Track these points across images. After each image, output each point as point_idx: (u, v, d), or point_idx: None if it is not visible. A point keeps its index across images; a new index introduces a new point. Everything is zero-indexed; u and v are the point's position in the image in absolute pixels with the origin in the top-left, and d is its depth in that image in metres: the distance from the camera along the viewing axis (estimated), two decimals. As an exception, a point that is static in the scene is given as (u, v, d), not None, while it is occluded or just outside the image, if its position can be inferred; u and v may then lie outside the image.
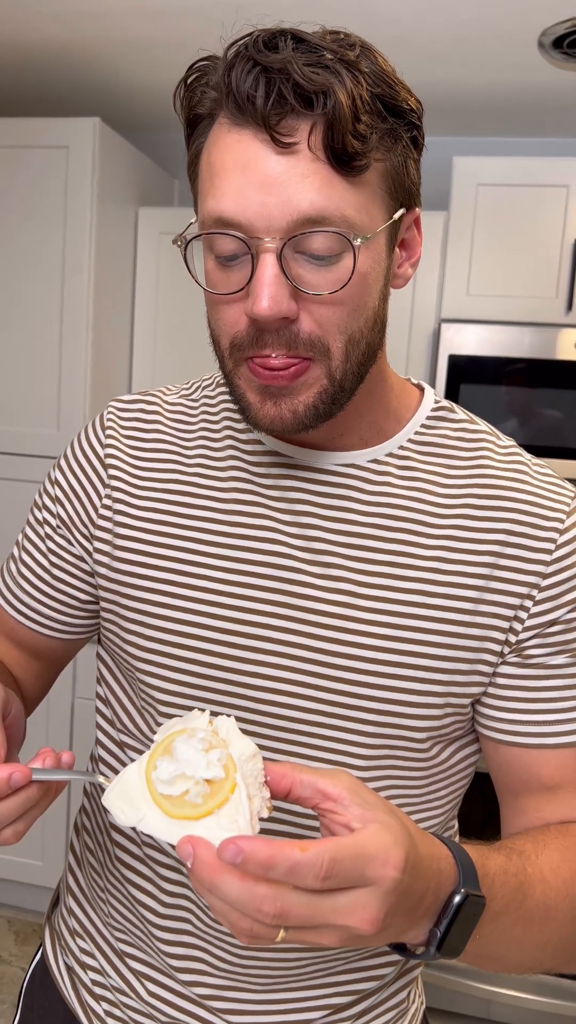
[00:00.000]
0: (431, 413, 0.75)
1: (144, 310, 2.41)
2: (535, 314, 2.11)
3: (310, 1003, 0.75)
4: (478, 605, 0.68)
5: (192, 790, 0.50)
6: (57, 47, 2.00)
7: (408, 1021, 0.82)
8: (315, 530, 0.71)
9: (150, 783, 0.52)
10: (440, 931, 0.53)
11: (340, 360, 0.63)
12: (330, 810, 0.51)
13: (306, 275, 0.60)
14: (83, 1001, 0.82)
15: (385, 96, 0.60)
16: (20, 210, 2.16)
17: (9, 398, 2.25)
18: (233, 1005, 0.75)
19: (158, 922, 0.76)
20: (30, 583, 0.81)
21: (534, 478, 0.72)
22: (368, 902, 0.47)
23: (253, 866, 0.45)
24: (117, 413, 0.79)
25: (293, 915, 0.46)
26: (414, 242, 0.69)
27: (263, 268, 0.59)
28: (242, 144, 0.59)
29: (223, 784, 0.51)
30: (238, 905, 0.46)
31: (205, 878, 0.46)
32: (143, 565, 0.73)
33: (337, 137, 0.57)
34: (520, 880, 0.60)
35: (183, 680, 0.71)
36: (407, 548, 0.70)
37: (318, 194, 0.58)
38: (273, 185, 0.58)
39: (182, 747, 0.52)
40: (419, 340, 2.23)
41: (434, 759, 0.72)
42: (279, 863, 0.45)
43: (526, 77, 2.00)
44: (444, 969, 2.06)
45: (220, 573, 0.71)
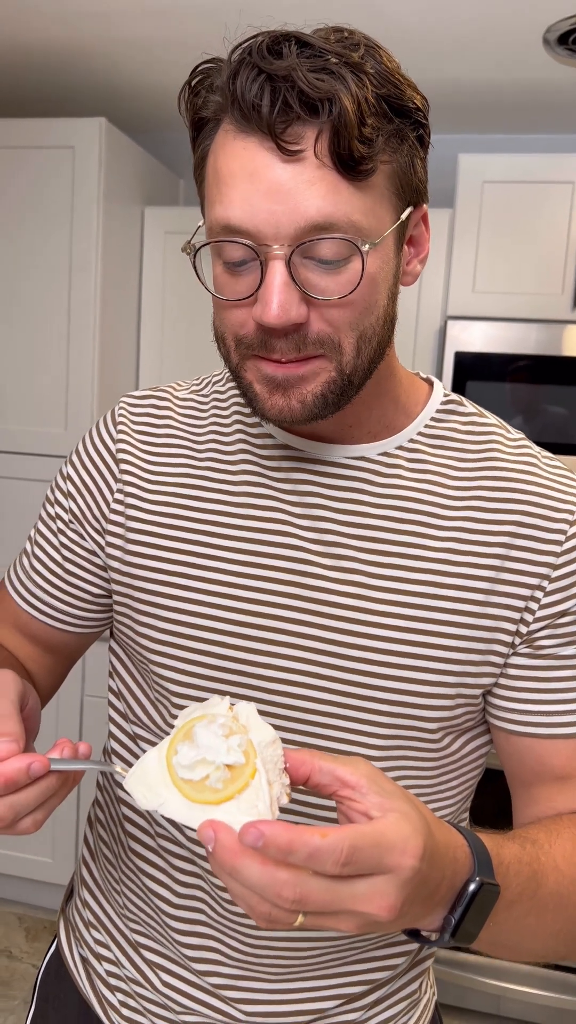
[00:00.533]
0: (440, 407, 0.76)
1: (150, 309, 2.42)
2: (541, 310, 2.11)
3: (323, 992, 0.76)
4: (489, 596, 0.69)
5: (213, 775, 0.51)
6: (62, 48, 2.01)
7: (420, 1012, 0.83)
8: (326, 522, 0.71)
9: (171, 768, 0.53)
10: (455, 918, 0.54)
11: (351, 356, 0.64)
12: (348, 797, 0.51)
13: (315, 280, 0.61)
14: (98, 992, 0.82)
15: (391, 96, 0.60)
16: (26, 210, 2.17)
17: (16, 397, 2.26)
18: (247, 995, 0.75)
19: (172, 912, 0.77)
20: (43, 577, 0.81)
21: (544, 470, 0.72)
22: (386, 889, 0.48)
23: (274, 850, 0.45)
24: (129, 408, 0.80)
25: (312, 900, 0.47)
26: (422, 238, 0.69)
27: (272, 275, 0.60)
28: (248, 152, 0.59)
29: (243, 770, 0.51)
30: (258, 889, 0.47)
31: (226, 862, 0.47)
32: (156, 558, 0.74)
33: (343, 143, 0.57)
34: (534, 869, 0.60)
35: (196, 672, 0.72)
36: (418, 540, 0.70)
37: (325, 201, 0.58)
38: (280, 193, 0.58)
39: (202, 732, 0.52)
40: (425, 337, 2.24)
41: (445, 749, 0.72)
42: (299, 848, 0.45)
43: (531, 74, 2.01)
44: (454, 965, 2.06)
45: (232, 566, 0.72)
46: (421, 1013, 0.83)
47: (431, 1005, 0.86)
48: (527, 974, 2.05)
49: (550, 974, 2.03)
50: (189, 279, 2.33)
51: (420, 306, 2.22)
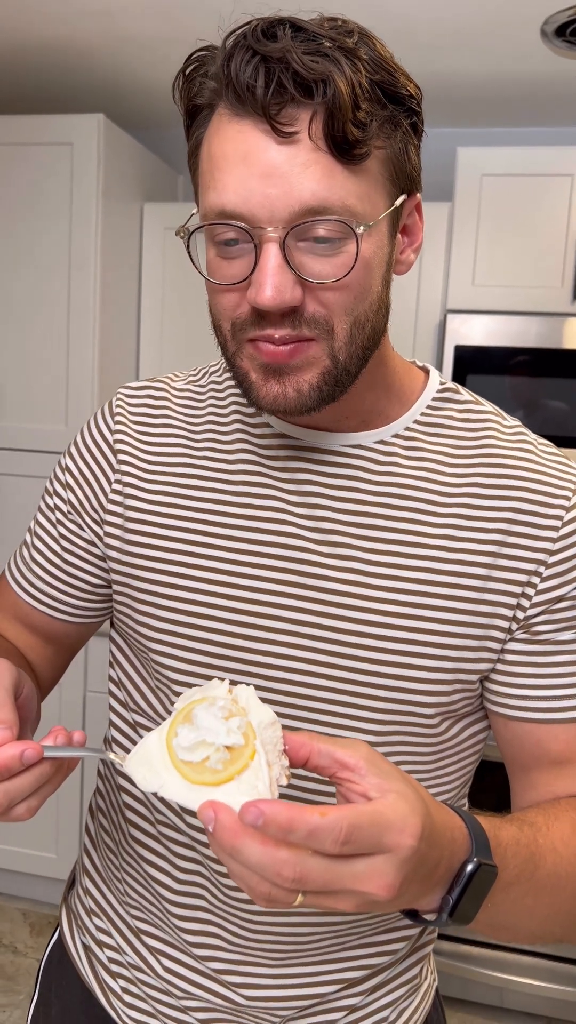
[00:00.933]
0: (436, 395, 0.76)
1: (150, 306, 2.42)
2: (541, 304, 2.11)
3: (323, 977, 0.76)
4: (486, 582, 0.69)
5: (212, 756, 0.51)
6: (61, 44, 2.01)
7: (421, 997, 0.83)
8: (323, 510, 0.71)
9: (171, 750, 0.53)
10: (452, 898, 0.54)
11: (344, 341, 0.64)
12: (347, 779, 0.52)
13: (309, 263, 0.61)
14: (100, 979, 0.83)
15: (384, 83, 0.61)
16: (25, 207, 2.18)
17: (17, 394, 2.27)
18: (248, 979, 0.76)
19: (173, 898, 0.77)
20: (42, 568, 0.82)
21: (540, 456, 0.73)
22: (385, 869, 0.48)
23: (274, 829, 0.46)
24: (126, 399, 0.81)
25: (312, 880, 0.47)
26: (416, 227, 0.69)
27: (266, 258, 0.60)
28: (243, 134, 0.59)
29: (243, 751, 0.52)
30: (258, 869, 0.47)
31: (226, 842, 0.47)
32: (154, 547, 0.75)
33: (337, 126, 0.57)
34: (531, 851, 0.61)
35: (196, 659, 0.73)
36: (415, 527, 0.70)
37: (319, 184, 0.58)
38: (274, 175, 0.58)
39: (202, 715, 0.53)
40: (425, 331, 2.24)
41: (443, 735, 0.73)
42: (299, 827, 0.46)
43: (529, 66, 2.00)
44: (457, 957, 2.07)
45: (231, 554, 0.72)
46: (422, 999, 0.84)
47: (431, 991, 0.86)
48: (530, 966, 2.05)
49: (553, 966, 2.04)
50: (189, 275, 2.33)
51: (420, 300, 2.23)
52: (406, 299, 2.22)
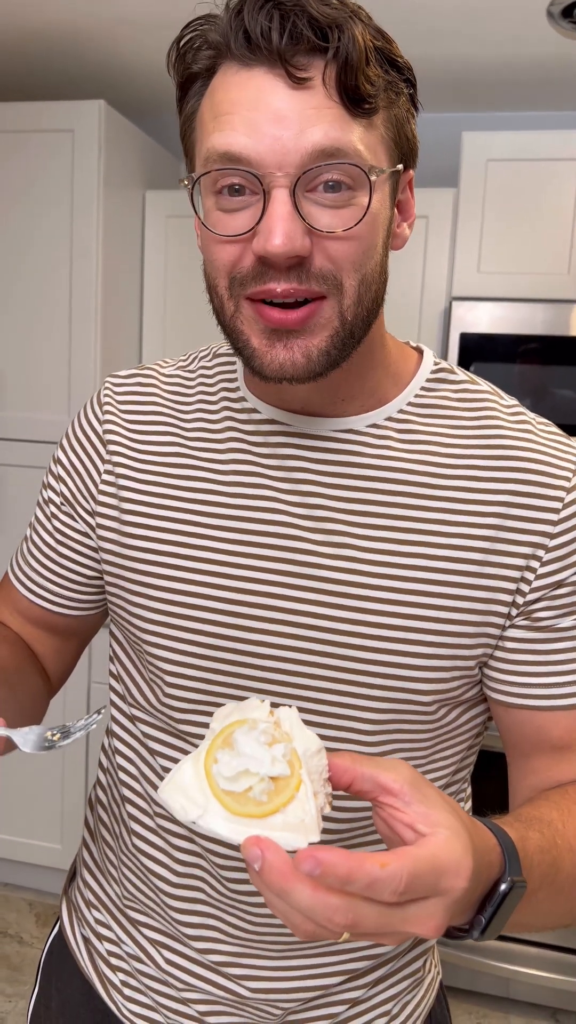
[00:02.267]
0: (431, 375, 0.74)
1: (153, 294, 2.41)
2: (547, 290, 2.08)
3: (325, 969, 0.75)
4: (483, 567, 0.68)
5: (256, 787, 0.48)
6: (61, 30, 1.99)
7: (424, 991, 0.82)
8: (315, 497, 0.70)
9: (210, 778, 0.50)
10: (485, 918, 0.53)
11: (352, 300, 0.62)
12: (390, 805, 0.50)
13: (318, 214, 0.59)
14: (100, 971, 0.82)
15: (385, 49, 0.61)
16: (26, 195, 2.16)
17: (19, 384, 2.25)
18: (249, 971, 0.75)
19: (171, 891, 0.76)
20: (38, 562, 0.81)
21: (540, 437, 0.71)
22: (436, 911, 0.47)
23: (331, 879, 0.44)
24: (113, 388, 0.79)
25: (364, 926, 0.45)
26: (409, 204, 0.68)
27: (276, 204, 0.58)
28: (253, 81, 0.58)
29: (288, 781, 0.49)
30: (308, 913, 0.45)
31: (275, 884, 0.45)
32: (146, 538, 0.74)
33: (351, 75, 0.57)
34: (553, 856, 0.60)
35: (189, 651, 0.71)
36: (410, 511, 0.69)
37: (331, 126, 0.57)
38: (286, 119, 0.57)
39: (243, 739, 0.50)
40: (430, 318, 2.21)
41: (440, 720, 0.71)
42: (358, 879, 0.44)
43: (535, 49, 1.97)
44: (463, 948, 2.06)
45: (222, 544, 0.71)
46: (425, 992, 0.83)
47: (435, 985, 0.85)
48: (536, 957, 2.04)
49: (560, 957, 2.03)
50: (191, 263, 2.31)
51: (424, 287, 2.20)
52: (411, 286, 2.20)
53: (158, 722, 0.76)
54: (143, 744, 0.78)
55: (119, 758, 0.81)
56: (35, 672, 0.82)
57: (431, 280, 2.19)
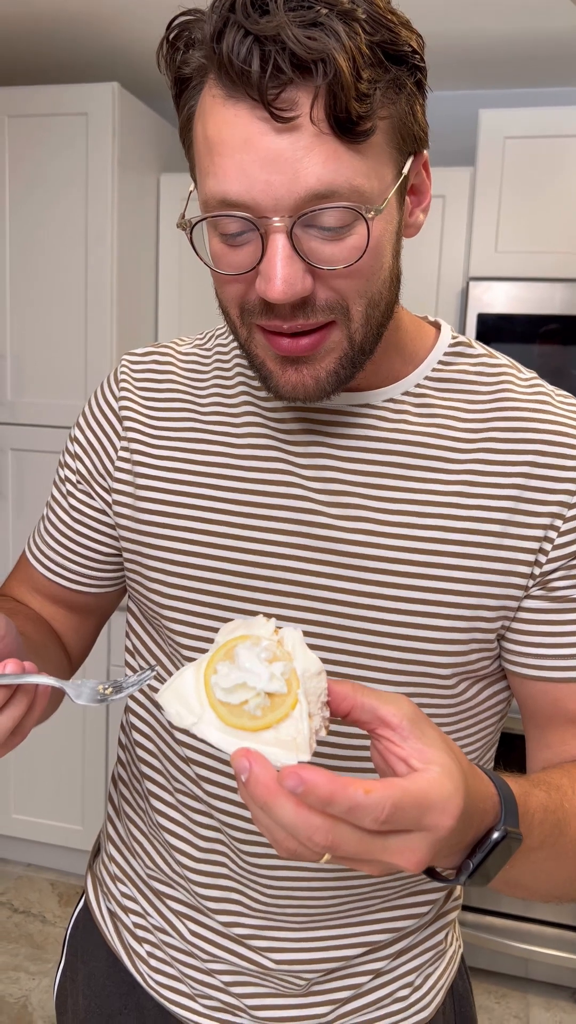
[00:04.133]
0: (448, 350, 0.74)
1: (168, 277, 2.40)
2: (565, 269, 2.06)
3: (348, 940, 0.76)
4: (502, 539, 0.68)
5: (252, 701, 0.49)
6: (73, 12, 1.98)
7: (446, 964, 0.83)
8: (332, 471, 0.70)
9: (208, 687, 0.50)
10: (473, 863, 0.53)
11: (360, 323, 0.62)
12: (387, 738, 0.50)
13: (319, 248, 0.58)
14: (126, 943, 0.83)
15: (385, 42, 0.56)
16: (41, 179, 2.16)
17: (36, 370, 2.26)
18: (272, 943, 0.76)
19: (194, 866, 0.77)
20: (55, 540, 0.82)
21: (558, 408, 0.71)
22: (419, 846, 0.47)
23: (313, 799, 0.44)
24: (129, 366, 0.80)
25: (343, 848, 0.46)
26: (423, 186, 0.66)
27: (274, 249, 0.57)
28: (240, 119, 0.55)
29: (284, 699, 0.49)
30: (290, 829, 0.46)
31: (259, 797, 0.46)
32: (163, 514, 0.74)
33: (340, 105, 0.53)
34: (558, 817, 0.60)
35: (207, 625, 0.72)
36: (427, 484, 0.69)
37: (325, 168, 0.55)
38: (277, 162, 0.55)
39: (245, 654, 0.50)
40: (447, 299, 2.20)
41: (461, 696, 0.71)
42: (340, 801, 0.44)
43: (552, 24, 1.95)
44: (482, 928, 2.07)
45: (239, 518, 0.71)
46: (447, 965, 0.83)
47: (457, 958, 0.86)
48: (555, 937, 2.05)
49: (579, 937, 2.04)
50: (206, 246, 2.30)
51: (441, 267, 2.18)
52: (428, 267, 2.18)
53: None
54: (160, 721, 0.79)
55: (136, 734, 0.82)
56: (58, 647, 0.83)
57: (448, 260, 2.17)
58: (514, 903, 2.08)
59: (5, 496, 2.33)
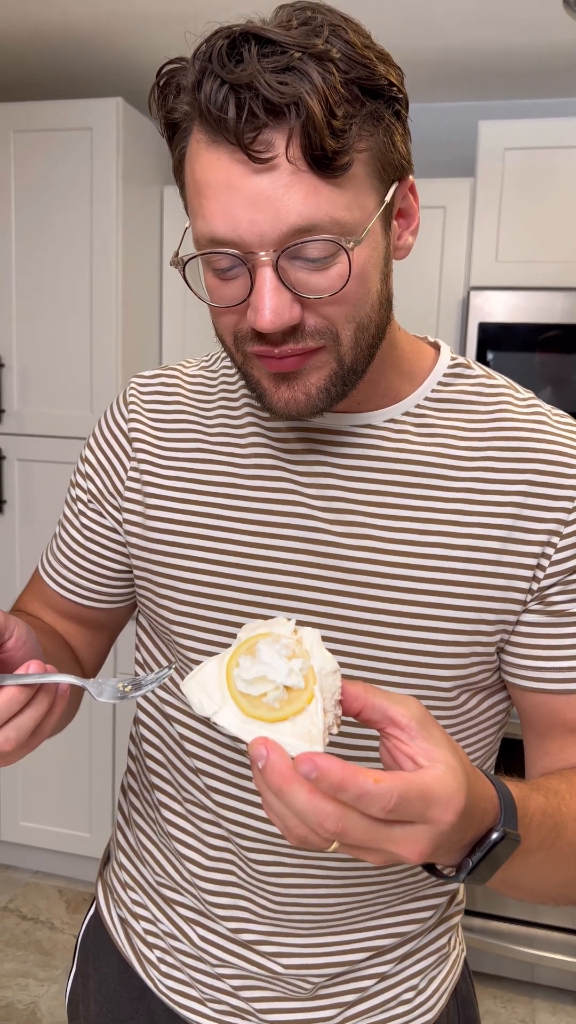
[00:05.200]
0: (447, 371, 0.76)
1: (172, 289, 2.43)
2: (566, 279, 2.08)
3: (353, 945, 0.78)
4: (501, 555, 0.69)
5: (271, 694, 0.51)
6: (78, 28, 2.01)
7: (450, 967, 0.85)
8: (336, 490, 0.72)
9: (230, 679, 0.53)
10: (472, 862, 0.55)
11: (350, 346, 0.64)
12: (396, 736, 0.52)
13: (305, 278, 0.61)
14: (136, 949, 0.85)
15: (361, 79, 0.58)
16: (47, 193, 2.18)
17: (42, 381, 2.29)
18: (280, 948, 0.77)
19: (203, 874, 0.79)
20: (67, 557, 0.84)
21: (555, 427, 0.72)
22: (421, 838, 0.49)
23: (325, 785, 0.47)
24: (138, 388, 0.82)
25: (350, 836, 0.48)
26: (411, 210, 0.68)
27: (261, 282, 0.60)
28: (222, 162, 0.58)
29: (301, 694, 0.52)
30: (301, 816, 0.48)
31: (274, 783, 0.48)
32: (172, 532, 0.76)
33: (315, 143, 0.56)
34: (555, 821, 0.62)
35: (215, 640, 0.74)
36: (428, 502, 0.71)
37: (305, 204, 0.58)
38: (259, 202, 0.58)
39: (266, 649, 0.53)
40: (448, 308, 2.22)
41: (462, 707, 0.73)
42: (350, 788, 0.46)
43: (550, 37, 1.97)
44: (488, 933, 2.08)
45: (246, 536, 0.73)
46: (451, 969, 0.85)
47: (460, 961, 0.87)
48: (561, 942, 2.06)
49: (584, 942, 2.04)
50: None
51: (442, 277, 2.20)
52: (429, 277, 2.20)
53: (186, 707, 0.78)
54: (169, 732, 0.81)
55: (147, 746, 0.84)
56: (72, 660, 0.85)
57: (449, 270, 2.20)
58: (520, 908, 2.09)
59: (11, 505, 2.35)
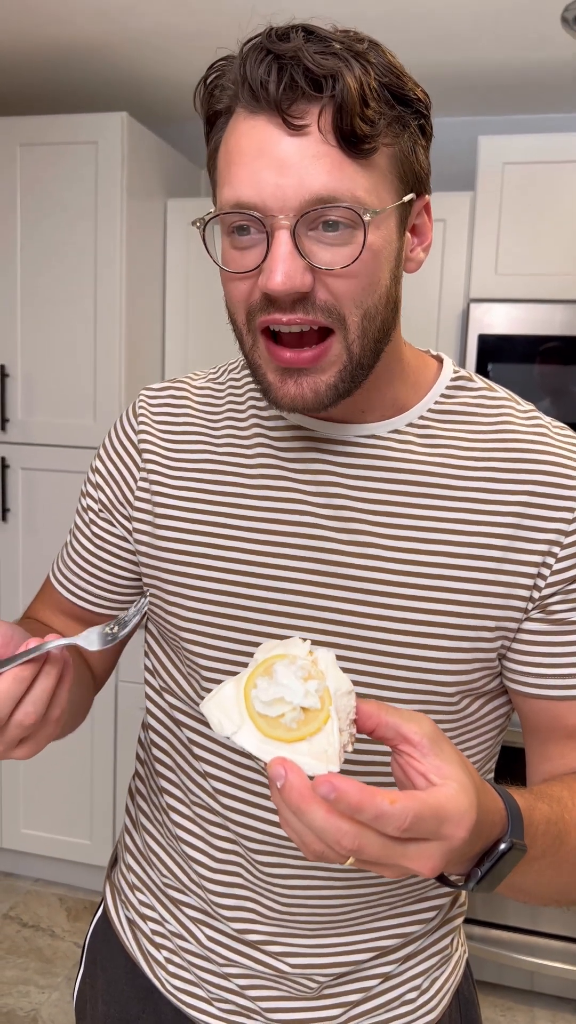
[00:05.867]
0: (450, 383, 0.78)
1: (175, 300, 2.45)
2: (565, 291, 2.10)
3: (358, 946, 0.79)
4: (503, 564, 0.71)
5: (288, 715, 0.53)
6: (84, 44, 2.04)
7: (452, 967, 0.86)
8: (341, 499, 0.74)
9: (248, 700, 0.55)
10: (481, 872, 0.57)
11: (357, 335, 0.66)
12: (408, 754, 0.54)
13: (319, 251, 0.63)
14: (144, 950, 0.86)
15: (393, 85, 0.63)
16: (52, 206, 2.21)
17: (46, 390, 2.31)
18: (286, 949, 0.79)
19: (211, 876, 0.80)
20: (78, 565, 0.86)
21: (555, 440, 0.74)
22: (434, 854, 0.51)
23: (343, 805, 0.48)
24: (148, 400, 0.84)
25: (367, 853, 0.50)
26: (425, 228, 0.71)
27: (277, 244, 0.62)
28: (257, 129, 0.62)
29: (317, 714, 0.53)
30: (319, 833, 0.50)
31: (293, 802, 0.50)
32: (181, 541, 0.78)
33: (346, 120, 0.60)
34: (559, 829, 0.63)
35: (224, 646, 0.76)
36: (431, 512, 0.72)
37: (329, 175, 0.61)
38: (286, 166, 0.61)
39: (282, 671, 0.54)
40: (448, 320, 2.24)
41: (464, 711, 0.75)
42: (368, 809, 0.48)
43: (550, 53, 2.00)
44: (489, 942, 2.09)
45: (253, 545, 0.75)
46: (453, 969, 0.86)
47: (462, 962, 0.88)
48: (561, 951, 2.06)
49: (584, 950, 2.05)
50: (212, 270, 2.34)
51: (442, 290, 2.23)
52: (429, 289, 2.23)
53: (195, 712, 0.80)
54: (178, 737, 0.82)
55: (155, 750, 0.86)
56: (83, 665, 0.86)
57: (449, 282, 2.22)
58: (520, 916, 2.09)
59: (15, 514, 2.37)
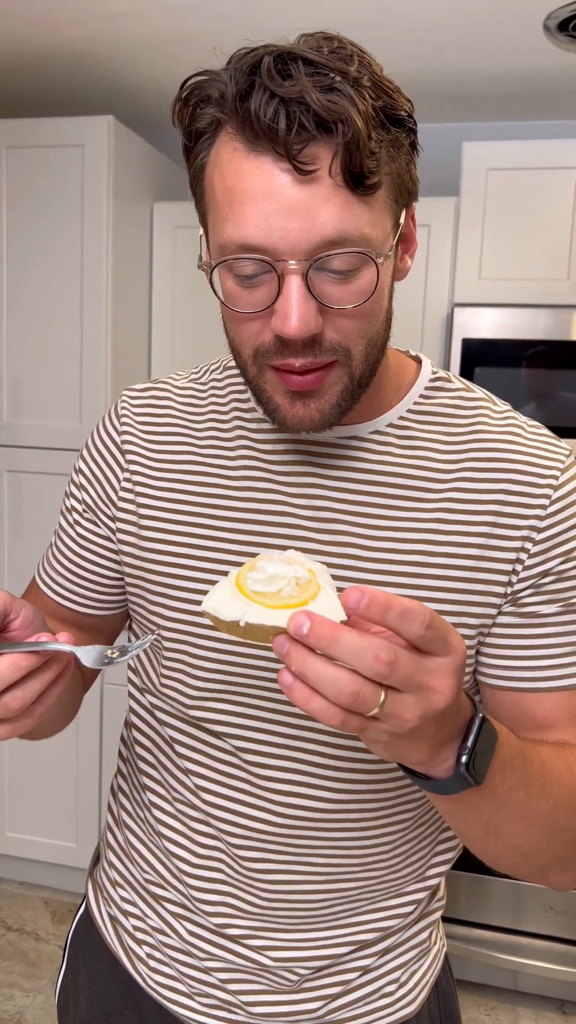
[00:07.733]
0: (429, 384, 0.79)
1: (161, 304, 2.46)
2: (548, 296, 2.13)
3: (337, 940, 0.80)
4: (479, 562, 0.73)
5: (285, 589, 0.55)
6: (70, 48, 2.05)
7: (431, 961, 0.87)
8: (322, 500, 0.75)
9: (244, 589, 0.56)
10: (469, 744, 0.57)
11: (360, 361, 0.68)
12: None
13: (329, 290, 0.64)
14: (126, 946, 0.87)
15: (386, 107, 0.63)
16: (39, 209, 2.22)
17: (32, 393, 2.31)
18: (267, 943, 0.80)
19: (192, 871, 0.81)
20: (63, 566, 0.87)
21: (528, 439, 0.76)
22: (449, 668, 0.52)
23: (375, 608, 0.49)
24: (130, 401, 0.85)
25: (401, 664, 0.50)
26: (411, 235, 0.72)
27: (290, 289, 0.62)
28: (262, 171, 0.61)
29: (310, 584, 0.55)
30: (356, 654, 0.49)
31: (325, 636, 0.50)
32: (164, 542, 0.79)
33: (355, 160, 0.60)
34: (522, 746, 0.64)
35: (205, 645, 0.76)
36: (409, 512, 0.74)
37: (339, 218, 0.61)
38: (296, 211, 0.60)
39: (266, 563, 0.57)
40: (432, 325, 2.26)
41: None
42: (395, 606, 0.50)
43: (533, 61, 2.03)
44: (471, 941, 2.10)
45: (235, 545, 0.76)
46: (431, 963, 0.87)
47: (441, 956, 0.90)
48: (544, 950, 2.08)
49: (567, 950, 2.07)
50: (198, 273, 2.36)
51: (427, 294, 2.25)
52: (413, 294, 2.25)
53: (177, 711, 0.81)
54: (161, 735, 0.83)
55: (138, 748, 0.86)
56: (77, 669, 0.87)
57: (433, 287, 2.24)
58: (504, 916, 2.11)
59: (1, 516, 2.37)
